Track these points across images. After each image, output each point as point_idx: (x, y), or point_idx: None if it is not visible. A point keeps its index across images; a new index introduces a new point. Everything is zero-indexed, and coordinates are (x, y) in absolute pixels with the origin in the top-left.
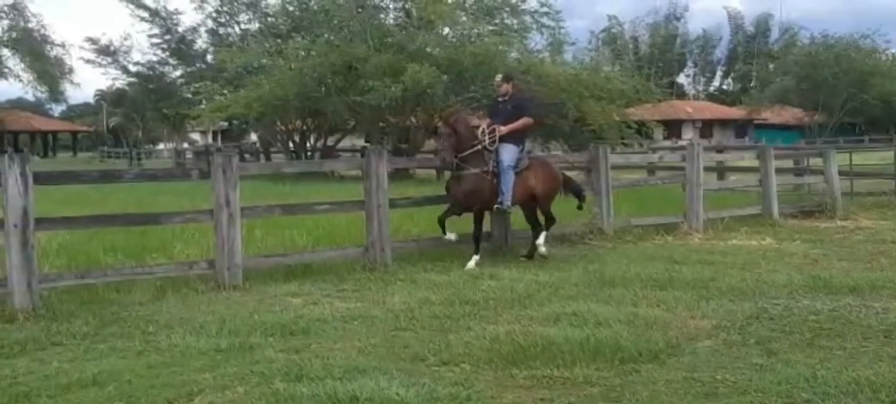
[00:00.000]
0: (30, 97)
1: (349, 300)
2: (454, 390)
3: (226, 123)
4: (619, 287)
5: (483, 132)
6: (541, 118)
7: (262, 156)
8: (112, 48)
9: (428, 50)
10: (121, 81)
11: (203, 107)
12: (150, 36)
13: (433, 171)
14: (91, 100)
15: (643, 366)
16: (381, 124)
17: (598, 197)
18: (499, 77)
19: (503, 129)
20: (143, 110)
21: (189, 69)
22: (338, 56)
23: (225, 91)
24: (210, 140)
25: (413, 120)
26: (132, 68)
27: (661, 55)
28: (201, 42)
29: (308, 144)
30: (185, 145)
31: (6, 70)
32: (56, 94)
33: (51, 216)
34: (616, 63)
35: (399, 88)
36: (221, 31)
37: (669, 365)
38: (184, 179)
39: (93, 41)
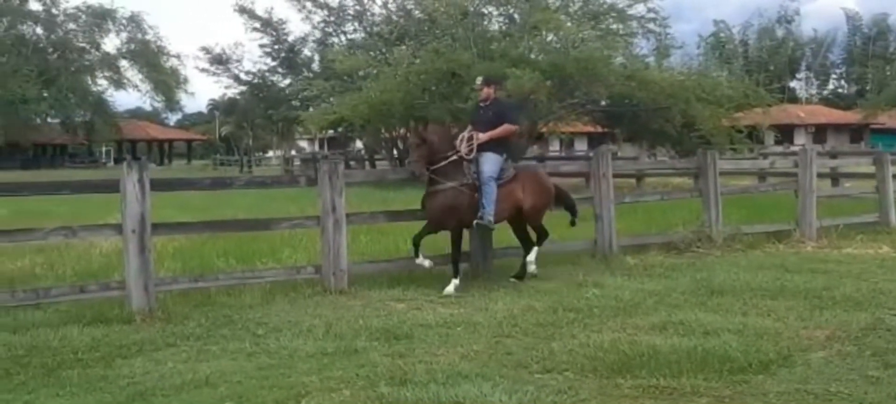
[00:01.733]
0: (147, 107)
1: (452, 306)
2: (558, 398)
3: (332, 131)
4: (727, 296)
5: (462, 141)
6: (520, 125)
7: (366, 163)
8: (224, 57)
9: (531, 56)
10: (233, 90)
11: (308, 114)
12: (261, 46)
13: None
14: (204, 109)
15: (753, 377)
16: None
17: (706, 203)
18: (479, 80)
19: (482, 137)
20: (253, 118)
21: (297, 77)
22: (442, 63)
23: (332, 98)
24: (317, 148)
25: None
26: (243, 77)
27: (771, 58)
28: (308, 51)
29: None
30: (293, 152)
31: (125, 81)
32: (172, 104)
33: (167, 221)
34: (724, 67)
35: (502, 95)
36: (328, 41)
37: (780, 376)
38: (292, 186)
39: (207, 50)
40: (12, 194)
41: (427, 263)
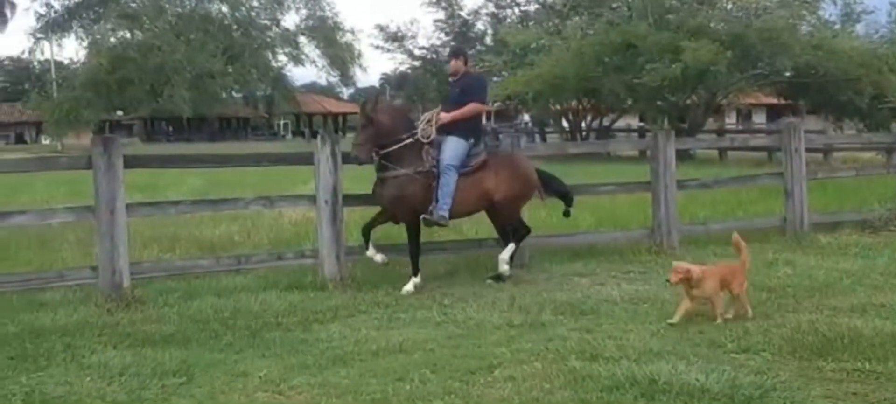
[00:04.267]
0: (322, 81)
1: (636, 282)
2: (757, 379)
3: (499, 104)
4: None
5: (428, 122)
6: (485, 104)
7: (536, 136)
8: (399, 34)
9: (711, 25)
10: (405, 65)
11: None
12: (435, 20)
13: (715, 152)
14: (376, 83)
15: None
16: (658, 103)
17: None
18: (448, 52)
19: (444, 117)
20: (423, 92)
21: (469, 51)
22: (617, 34)
23: (504, 72)
24: (485, 121)
25: (693, 98)
26: (417, 52)
27: None
28: (481, 25)
29: (583, 124)
30: None
31: (303, 56)
32: (346, 78)
33: (356, 193)
34: None
35: (679, 67)
36: (501, 14)
37: None
38: None
39: (382, 28)
40: (219, 165)
41: (378, 257)
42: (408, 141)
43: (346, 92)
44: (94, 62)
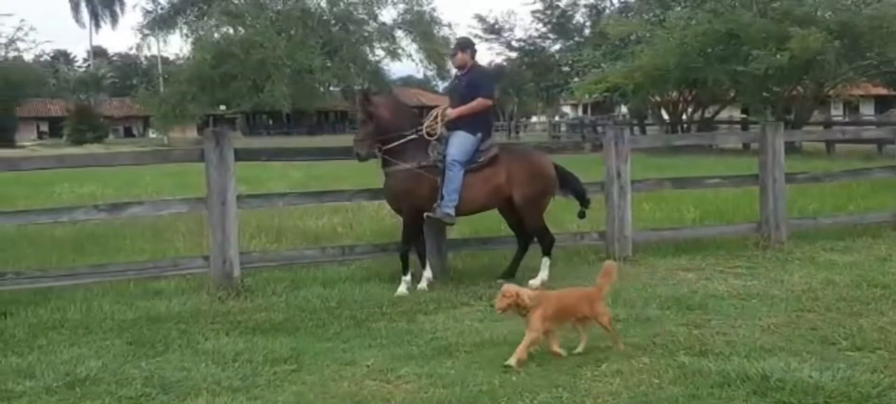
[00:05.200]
0: (418, 75)
1: (744, 277)
2: (873, 377)
3: (596, 96)
4: None
5: (434, 119)
6: (494, 99)
7: (635, 128)
8: (497, 26)
9: (818, 14)
10: (502, 57)
11: (577, 80)
12: (533, 12)
13: (821, 145)
14: None
15: None
16: (763, 94)
17: None
18: (453, 45)
19: (451, 113)
20: (519, 84)
21: (567, 43)
22: (721, 23)
23: (603, 64)
24: (580, 113)
25: (799, 89)
26: (514, 44)
27: None
28: (579, 16)
29: (684, 116)
30: (557, 118)
31: (400, 50)
32: (442, 72)
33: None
34: None
35: (786, 55)
36: (600, 4)
37: None
38: (575, 152)
39: (481, 19)
40: (327, 158)
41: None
42: (411, 136)
43: (441, 85)
44: (198, 58)
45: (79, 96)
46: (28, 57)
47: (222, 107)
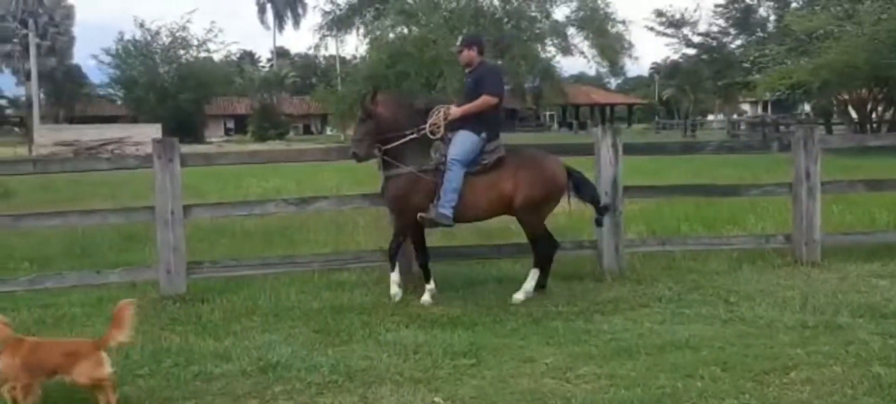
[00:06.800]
0: (590, 72)
1: None
2: None
3: (777, 94)
4: None
5: (440, 116)
6: (501, 97)
7: (820, 128)
8: (678, 20)
9: None
10: (677, 54)
11: (759, 76)
12: (716, 6)
13: None
14: (644, 73)
15: None
16: None
17: None
18: (458, 41)
19: (454, 111)
20: (696, 81)
21: (749, 38)
22: None
23: (787, 60)
24: (759, 111)
25: None
26: (695, 39)
27: None
28: (763, 10)
29: (874, 115)
30: (735, 116)
31: (572, 47)
32: (615, 69)
33: (637, 184)
34: None
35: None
36: None
37: None
38: (762, 152)
39: (660, 13)
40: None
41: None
42: (412, 136)
43: (613, 82)
44: (374, 57)
45: (262, 95)
46: (217, 57)
47: None
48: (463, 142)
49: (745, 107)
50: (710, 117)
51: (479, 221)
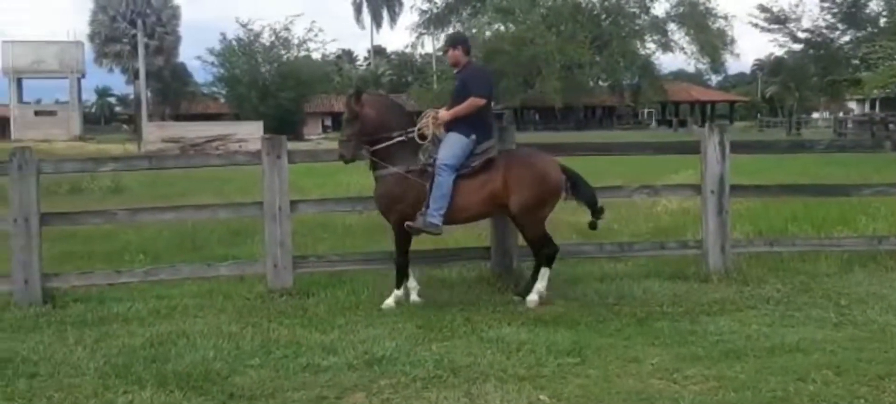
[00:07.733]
0: (690, 69)
1: None
2: None
3: (888, 91)
4: None
5: (429, 119)
6: (489, 98)
7: None
8: (783, 16)
9: None
10: (781, 51)
11: (868, 73)
12: (822, 1)
13: None
14: (746, 70)
15: None
16: None
17: None
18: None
19: (443, 114)
20: (801, 78)
21: (858, 34)
22: None
23: None
24: (867, 108)
25: None
26: (800, 35)
27: None
28: (874, 5)
29: None
30: (841, 114)
31: (672, 43)
32: (716, 65)
33: (743, 183)
34: None
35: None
36: None
37: None
38: (874, 151)
39: (764, 8)
40: (603, 153)
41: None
42: (400, 138)
43: (714, 79)
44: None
45: None
46: (316, 56)
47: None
48: (452, 145)
49: (852, 104)
50: (815, 115)
51: (471, 222)
